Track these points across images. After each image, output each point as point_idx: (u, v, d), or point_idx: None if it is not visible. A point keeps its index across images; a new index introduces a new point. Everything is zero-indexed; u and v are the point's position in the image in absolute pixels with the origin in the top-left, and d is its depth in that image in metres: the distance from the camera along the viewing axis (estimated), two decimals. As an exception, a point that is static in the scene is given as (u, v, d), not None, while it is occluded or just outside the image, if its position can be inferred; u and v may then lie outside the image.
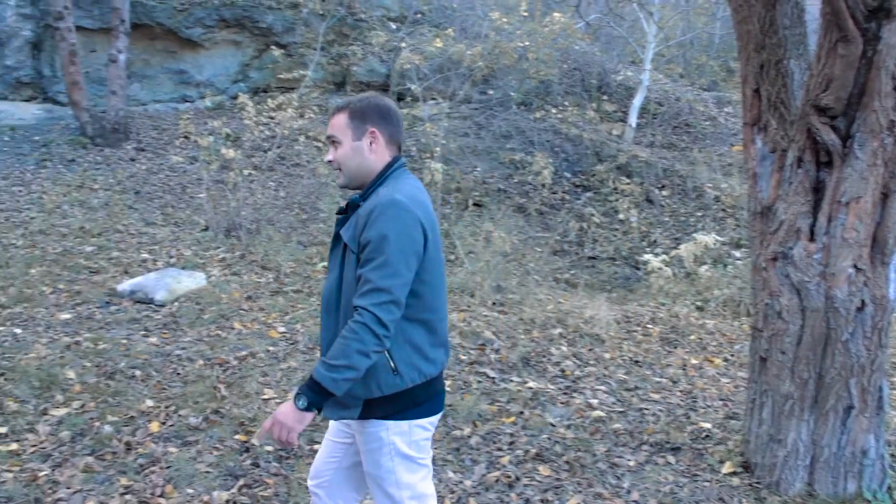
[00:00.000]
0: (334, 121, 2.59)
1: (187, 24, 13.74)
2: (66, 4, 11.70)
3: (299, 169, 11.49)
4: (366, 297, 2.37)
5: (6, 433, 4.50)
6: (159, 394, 5.08)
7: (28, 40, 13.06)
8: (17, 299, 6.85)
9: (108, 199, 10.05)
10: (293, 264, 8.14)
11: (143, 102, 13.91)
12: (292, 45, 14.38)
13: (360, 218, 2.47)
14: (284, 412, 2.45)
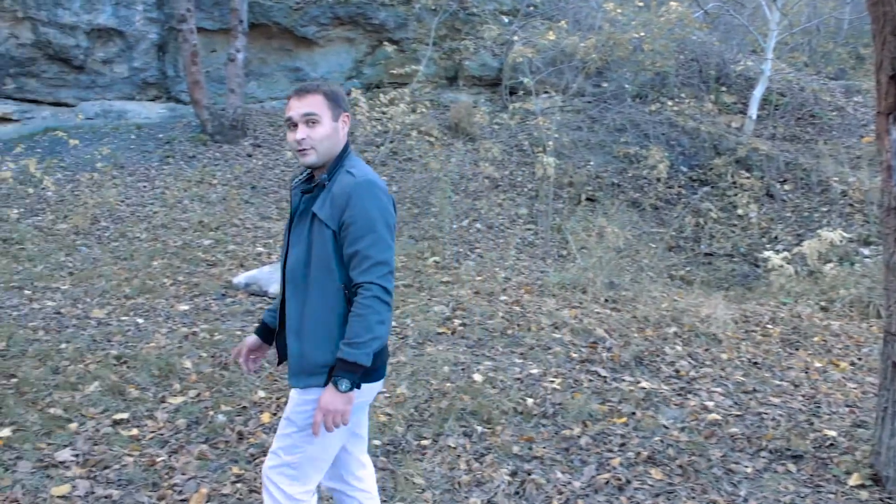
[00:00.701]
0: (310, 101, 2.65)
1: (302, 23, 14.02)
2: (188, 7, 12.11)
3: (411, 164, 11.55)
4: (369, 273, 2.54)
5: (128, 419, 4.66)
6: (270, 385, 5.16)
7: (154, 43, 13.59)
8: (140, 290, 7.12)
9: (226, 194, 10.35)
10: (404, 258, 8.17)
11: (259, 100, 14.27)
12: (405, 41, 14.47)
13: (335, 197, 2.59)
14: (331, 399, 2.55)
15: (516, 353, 5.76)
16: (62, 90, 13.49)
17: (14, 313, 6.56)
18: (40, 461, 4.15)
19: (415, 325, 6.24)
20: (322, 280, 2.63)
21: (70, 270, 7.77)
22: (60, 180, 10.72)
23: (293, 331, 2.70)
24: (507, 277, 7.86)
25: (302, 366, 2.67)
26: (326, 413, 2.56)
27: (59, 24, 13.02)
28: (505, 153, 11.89)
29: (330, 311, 2.64)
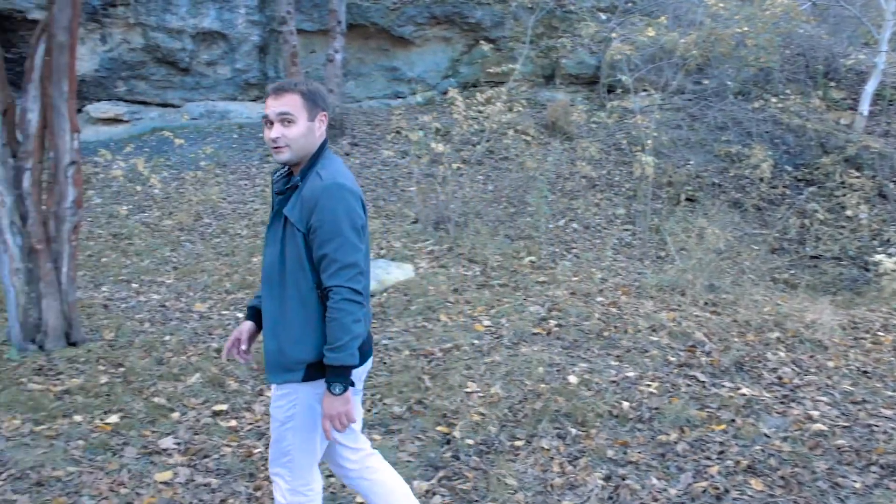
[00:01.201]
0: (286, 100, 2.69)
1: (400, 23, 14.14)
2: (289, 9, 12.36)
3: (507, 162, 11.51)
4: (337, 277, 2.62)
5: (227, 410, 4.79)
6: (366, 381, 5.21)
7: (255, 45, 13.94)
8: (239, 285, 7.30)
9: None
10: (500, 258, 8.15)
11: (357, 99, 14.46)
12: (501, 40, 14.44)
13: (305, 200, 2.65)
14: (331, 405, 2.66)
15: (612, 355, 5.67)
16: (169, 92, 13.98)
17: (122, 305, 6.82)
18: (145, 448, 4.30)
19: (510, 324, 6.21)
20: (296, 280, 2.70)
21: (174, 265, 8.03)
22: (166, 178, 11.10)
23: (269, 329, 2.78)
24: (604, 278, 7.75)
25: (279, 362, 2.76)
26: (331, 418, 2.68)
27: (167, 28, 13.48)
28: (602, 152, 11.73)
29: (305, 310, 2.71)
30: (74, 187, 5.76)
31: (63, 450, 4.24)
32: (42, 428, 4.49)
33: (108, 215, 9.79)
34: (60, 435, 4.43)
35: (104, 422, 4.59)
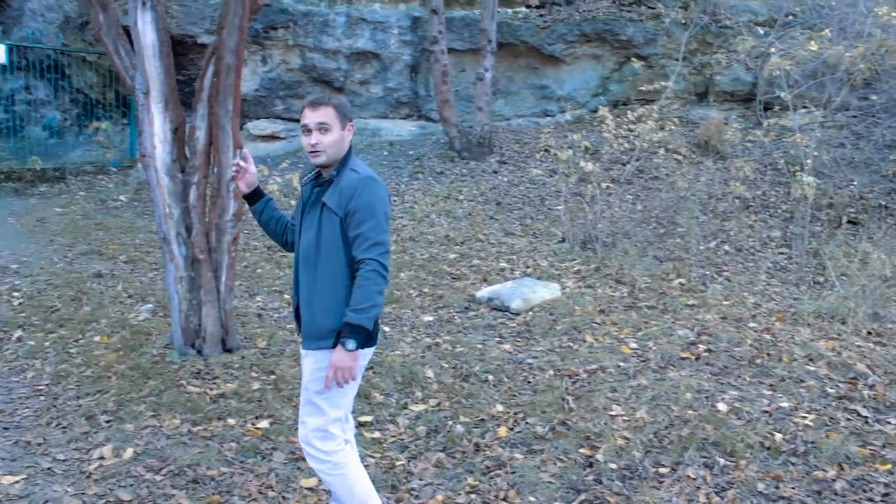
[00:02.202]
0: (323, 111, 3.17)
1: (549, 41, 14.13)
2: (440, 29, 12.60)
3: (658, 182, 11.28)
4: (370, 251, 3.08)
5: (372, 422, 4.89)
6: (509, 400, 5.21)
7: (407, 64, 14.26)
8: (387, 300, 7.45)
9: (472, 210, 10.62)
10: (648, 279, 7.98)
11: (506, 117, 14.54)
12: (653, 57, 14.18)
13: (343, 190, 3.13)
14: (341, 357, 3.06)
15: (765, 384, 5.43)
16: (325, 110, 14.45)
17: (275, 315, 7.10)
18: (292, 454, 4.46)
19: (657, 347, 6.07)
20: (330, 259, 3.16)
21: (326, 279, 8.28)
22: (321, 194, 11.47)
23: (305, 302, 3.23)
24: (757, 303, 7.45)
25: (313, 331, 3.19)
26: (337, 370, 3.07)
27: (324, 49, 14.00)
28: (758, 172, 11.30)
29: (336, 284, 3.15)
30: (235, 201, 6.06)
31: (217, 450, 4.46)
32: (199, 428, 4.74)
33: (266, 229, 10.22)
34: (215, 436, 4.65)
35: (255, 426, 4.79)
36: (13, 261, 8.73)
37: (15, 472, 4.20)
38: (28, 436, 4.65)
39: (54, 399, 5.22)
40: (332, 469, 3.28)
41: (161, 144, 5.90)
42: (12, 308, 7.13)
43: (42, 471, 4.23)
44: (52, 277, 8.02)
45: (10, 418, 4.92)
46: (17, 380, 5.58)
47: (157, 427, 4.76)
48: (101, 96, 15.31)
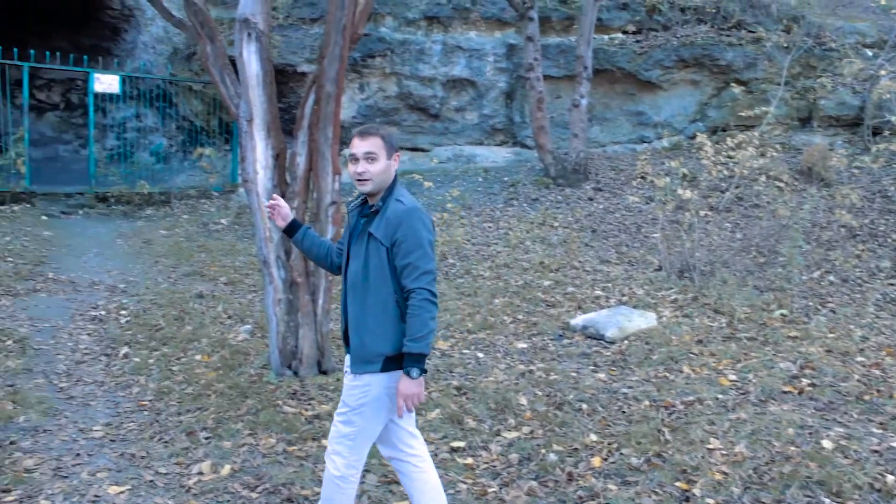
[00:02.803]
0: (371, 141, 3.27)
1: (646, 67, 14.00)
2: (536, 56, 12.64)
3: (758, 210, 11.00)
4: (420, 280, 3.18)
5: (464, 447, 4.88)
6: (603, 430, 5.13)
7: (502, 91, 14.35)
8: (481, 326, 7.46)
9: (566, 237, 10.55)
10: (748, 310, 7.76)
11: (601, 144, 14.45)
12: (753, 81, 13.89)
13: (389, 220, 3.23)
14: (408, 386, 3.18)
15: (874, 421, 5.20)
16: (419, 136, 14.69)
17: (371, 340, 7.17)
18: (385, 476, 4.49)
19: (757, 380, 5.88)
20: (378, 287, 3.25)
21: (420, 303, 8.34)
22: (416, 219, 11.60)
23: (354, 327, 3.31)
24: (865, 336, 7.15)
25: (361, 355, 3.28)
26: (406, 398, 3.20)
27: (420, 77, 14.21)
28: (865, 199, 10.91)
29: (385, 312, 3.24)
30: (333, 225, 6.18)
31: (311, 470, 4.52)
32: (294, 448, 4.82)
33: (362, 253, 10.38)
34: (309, 456, 4.72)
35: (350, 449, 4.84)
36: (121, 280, 9.10)
37: (120, 482, 4.36)
38: (133, 448, 4.82)
39: (157, 414, 5.40)
40: (340, 481, 3.37)
41: (263, 170, 6.07)
42: (120, 326, 7.44)
43: (145, 483, 4.38)
44: (156, 297, 8.32)
45: (117, 431, 5.11)
46: (123, 394, 5.80)
47: (254, 445, 4.87)
48: (205, 123, 15.89)
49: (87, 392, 5.85)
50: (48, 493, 4.23)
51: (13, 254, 9.78)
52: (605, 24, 14.21)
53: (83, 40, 17.32)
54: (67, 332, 7.23)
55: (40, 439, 4.95)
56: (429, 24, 14.31)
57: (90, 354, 6.71)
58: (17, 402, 5.45)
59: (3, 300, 7.95)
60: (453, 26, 14.29)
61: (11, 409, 5.32)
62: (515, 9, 13.12)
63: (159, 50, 16.35)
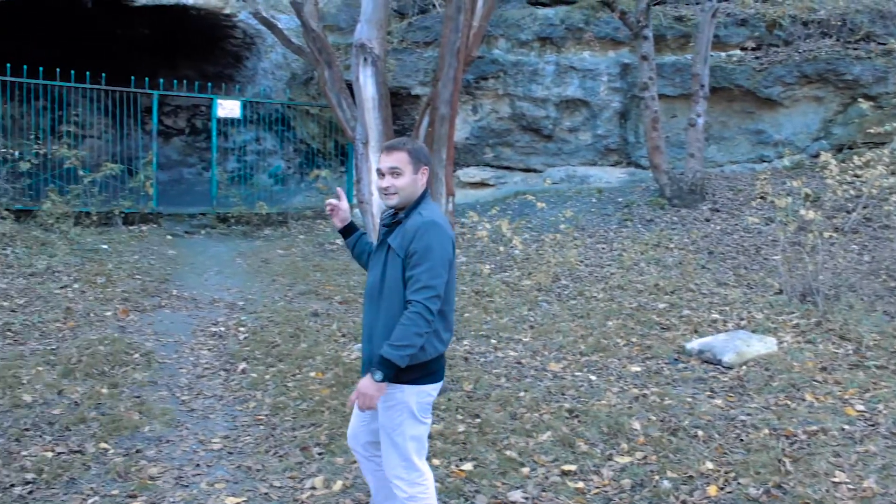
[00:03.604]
0: (396, 157, 3.37)
1: (766, 84, 13.58)
2: (650, 75, 12.45)
3: (888, 231, 10.47)
4: (418, 293, 3.20)
5: (575, 471, 4.81)
6: (720, 457, 4.96)
7: (616, 111, 14.19)
8: (594, 348, 7.35)
9: (682, 259, 10.30)
10: (877, 336, 7.37)
11: (719, 164, 14.08)
12: (883, 96, 13.27)
13: (406, 232, 3.29)
14: (366, 385, 3.23)
15: None
16: (532, 157, 14.67)
17: (481, 359, 7.18)
18: (494, 497, 4.47)
19: (888, 411, 5.57)
20: (392, 298, 3.31)
21: (531, 324, 8.30)
22: (527, 240, 11.58)
23: (367, 336, 3.41)
24: None
25: (372, 364, 3.27)
26: (361, 395, 3.25)
27: (533, 98, 14.21)
28: None
29: (396, 323, 3.24)
30: (447, 246, 6.21)
31: (425, 491, 4.54)
32: (407, 469, 4.84)
33: (472, 273, 10.42)
34: (423, 476, 4.74)
35: (459, 468, 4.84)
36: (240, 298, 9.40)
37: (237, 494, 4.50)
38: (249, 461, 4.96)
39: (272, 429, 5.54)
40: (409, 500, 3.41)
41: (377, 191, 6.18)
42: (238, 342, 7.68)
43: (260, 495, 4.49)
44: (273, 315, 8.55)
45: (234, 444, 5.27)
46: (241, 409, 5.98)
47: (366, 463, 4.92)
48: (321, 146, 16.32)
49: (206, 405, 6.06)
50: (170, 501, 4.40)
51: (141, 271, 10.26)
52: (722, 40, 13.87)
53: (208, 68, 18.12)
54: (189, 347, 7.51)
55: (163, 449, 5.15)
56: (542, 45, 14.30)
57: (210, 369, 6.95)
58: (143, 412, 5.69)
59: (131, 315, 8.33)
60: (566, 47, 14.24)
61: (138, 419, 5.56)
62: (629, 28, 12.98)
63: (278, 76, 16.92)
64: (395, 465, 3.41)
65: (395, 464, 3.41)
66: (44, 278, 9.11)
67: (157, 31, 16.97)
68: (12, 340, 7.20)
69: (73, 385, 6.14)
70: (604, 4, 13.64)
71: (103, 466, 4.82)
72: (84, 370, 6.44)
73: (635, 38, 12.88)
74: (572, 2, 14.61)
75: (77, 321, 7.89)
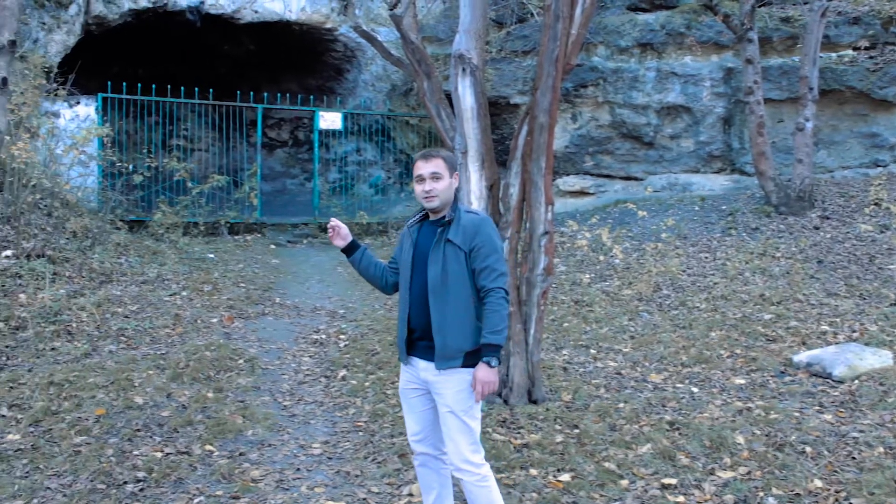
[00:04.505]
0: (435, 163, 3.66)
1: (881, 84, 13.00)
2: (755, 79, 12.09)
3: None
4: (497, 281, 3.56)
5: (675, 485, 4.69)
6: (830, 475, 4.75)
7: (720, 116, 13.83)
8: (696, 359, 7.17)
9: (790, 268, 9.95)
10: None
11: (829, 169, 13.54)
12: None
13: (466, 228, 3.60)
14: (487, 374, 3.51)
15: None
16: (632, 165, 14.44)
17: (580, 369, 7.10)
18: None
19: None
20: (458, 289, 3.58)
21: (631, 334, 8.16)
22: (628, 249, 11.40)
23: (437, 328, 3.57)
24: None
25: (445, 353, 3.55)
26: (484, 384, 3.50)
27: (633, 105, 13.99)
28: None
29: (465, 310, 3.58)
30: (546, 255, 6.19)
31: (518, 499, 4.52)
32: (502, 476, 4.83)
33: (572, 282, 10.32)
34: (517, 485, 4.71)
35: (557, 479, 4.79)
36: (341, 306, 9.57)
37: (336, 498, 4.56)
38: (348, 467, 5.03)
39: (371, 435, 5.60)
40: (481, 482, 3.60)
41: (477, 201, 6.20)
42: (339, 349, 7.81)
43: (358, 500, 4.55)
44: (373, 323, 8.67)
45: (334, 449, 5.35)
46: (341, 415, 6.07)
47: (463, 472, 4.92)
48: (421, 156, 16.45)
49: (307, 411, 6.17)
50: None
51: (245, 280, 10.55)
52: (832, 41, 13.35)
53: (310, 81, 18.56)
54: (291, 354, 7.68)
55: (265, 452, 5.28)
56: (642, 52, 14.09)
57: (311, 375, 7.09)
58: (246, 416, 5.84)
59: (236, 322, 8.58)
60: (667, 52, 13.97)
61: (241, 422, 5.71)
62: (733, 31, 12.64)
63: (378, 87, 17.18)
64: (465, 448, 3.59)
65: (464, 448, 3.59)
66: (155, 286, 9.46)
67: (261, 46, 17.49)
68: (125, 345, 7.51)
69: (180, 388, 6.36)
70: (706, 8, 13.31)
71: (209, 468, 4.96)
72: (191, 374, 6.66)
73: (739, 41, 12.52)
74: (673, 6, 14.34)
75: (185, 327, 8.17)
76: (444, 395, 3.61)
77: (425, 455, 3.86)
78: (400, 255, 3.85)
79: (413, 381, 3.78)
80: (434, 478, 3.88)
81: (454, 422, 3.60)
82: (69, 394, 6.03)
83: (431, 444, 3.83)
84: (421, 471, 3.91)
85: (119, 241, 10.84)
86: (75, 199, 11.21)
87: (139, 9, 14.61)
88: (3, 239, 8.93)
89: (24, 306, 7.73)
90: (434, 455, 3.84)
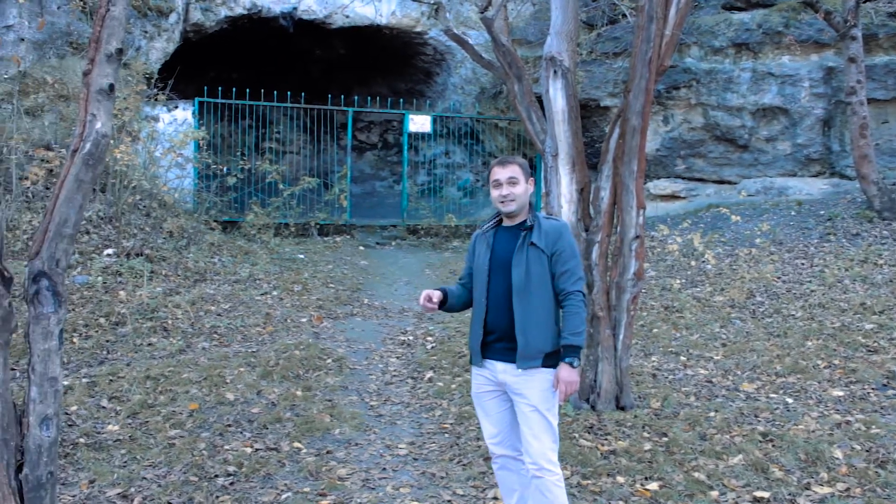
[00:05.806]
0: (511, 168, 3.75)
1: None
2: (858, 78, 11.63)
3: None
4: (577, 284, 3.67)
5: (768, 498, 4.54)
6: (937, 495, 4.52)
7: (819, 118, 13.36)
8: (791, 369, 6.93)
9: (893, 276, 9.53)
10: None
11: (938, 173, 12.94)
12: None
13: (548, 233, 3.70)
14: (570, 374, 3.57)
15: None
16: (725, 168, 14.10)
17: (670, 376, 6.94)
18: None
19: None
20: (541, 290, 3.66)
21: (723, 342, 7.95)
22: (720, 254, 11.11)
23: (520, 328, 3.63)
24: None
25: (527, 353, 3.61)
26: (567, 385, 3.57)
27: (727, 106, 13.65)
28: None
29: (546, 312, 3.66)
30: (636, 260, 6.08)
31: (605, 507, 4.43)
32: (588, 482, 4.76)
33: (662, 288, 10.11)
34: (604, 492, 4.63)
35: (644, 487, 4.68)
36: (428, 309, 9.58)
37: (421, 499, 4.57)
38: (433, 468, 5.03)
39: (457, 437, 5.59)
40: (558, 480, 3.62)
41: (567, 204, 6.14)
42: (426, 351, 7.83)
43: (443, 502, 4.55)
44: (460, 325, 8.66)
45: (419, 450, 5.36)
46: (427, 416, 6.08)
47: (548, 478, 4.86)
48: (509, 159, 16.41)
49: (394, 411, 6.20)
50: (357, 502, 4.53)
51: (335, 280, 10.69)
52: (942, 39, 12.78)
53: (399, 85, 18.71)
54: (379, 355, 7.74)
55: (352, 451, 5.33)
56: (737, 52, 13.73)
57: (398, 376, 7.13)
58: (334, 415, 5.91)
59: (325, 322, 8.70)
60: (764, 52, 13.58)
61: (329, 421, 5.78)
62: (835, 29, 12.18)
63: (467, 90, 17.21)
64: (547, 447, 3.62)
65: (546, 446, 3.62)
66: (246, 285, 9.67)
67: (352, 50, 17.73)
68: (218, 342, 7.69)
69: (270, 386, 6.47)
70: (806, 5, 12.87)
71: (296, 465, 5.04)
72: (281, 373, 6.78)
73: (842, 39, 12.06)
74: (770, 4, 13.92)
75: (275, 326, 8.33)
76: (528, 395, 3.64)
77: (505, 457, 3.86)
78: (473, 261, 3.90)
79: (488, 384, 3.80)
80: (515, 479, 3.87)
81: (539, 420, 3.63)
82: (164, 388, 6.21)
83: (510, 446, 3.83)
84: (501, 474, 3.91)
85: (213, 241, 11.12)
86: (172, 200, 11.56)
87: (235, 16, 15.01)
88: (106, 238, 9.28)
89: (123, 303, 8.01)
90: (513, 457, 3.84)
